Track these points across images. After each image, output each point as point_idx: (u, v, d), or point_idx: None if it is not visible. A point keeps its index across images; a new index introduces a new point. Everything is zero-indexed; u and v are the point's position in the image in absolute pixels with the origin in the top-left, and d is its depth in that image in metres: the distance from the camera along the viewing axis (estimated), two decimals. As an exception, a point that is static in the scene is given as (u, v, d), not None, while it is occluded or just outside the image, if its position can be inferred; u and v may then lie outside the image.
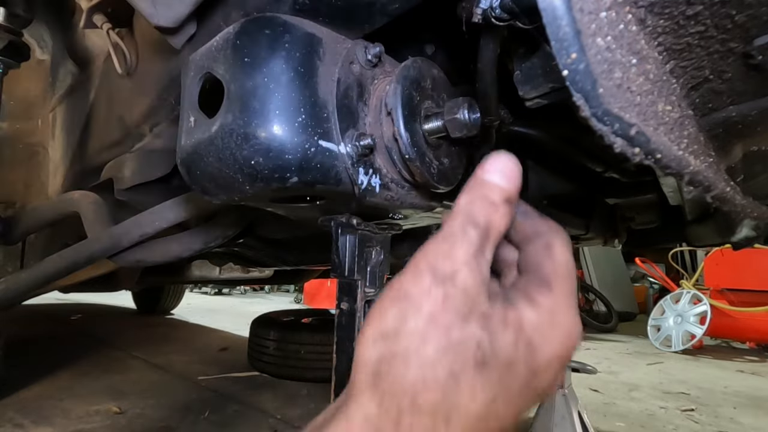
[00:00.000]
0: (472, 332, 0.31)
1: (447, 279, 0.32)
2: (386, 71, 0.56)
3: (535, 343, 0.32)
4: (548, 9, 0.26)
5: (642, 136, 0.27)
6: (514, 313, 0.32)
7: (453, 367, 0.30)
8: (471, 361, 0.30)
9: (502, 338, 0.31)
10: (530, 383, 0.32)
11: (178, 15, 0.61)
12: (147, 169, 0.95)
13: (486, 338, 0.31)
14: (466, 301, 0.31)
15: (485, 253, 0.34)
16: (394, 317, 0.32)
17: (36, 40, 1.39)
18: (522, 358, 0.31)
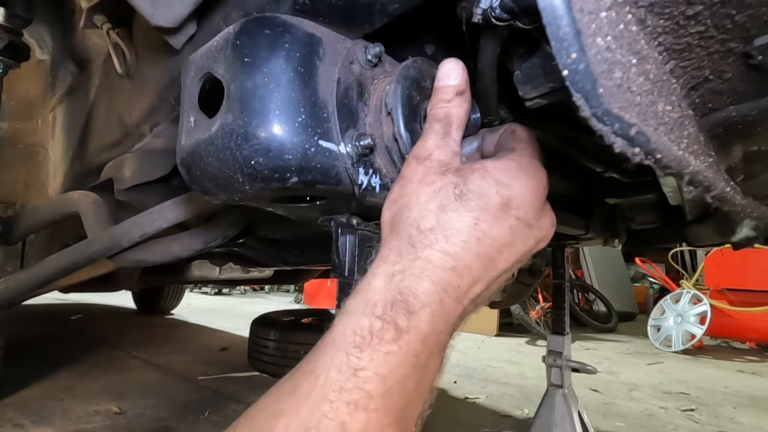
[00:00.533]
0: (449, 179, 0.43)
1: (425, 159, 0.45)
2: (386, 71, 0.56)
3: (503, 180, 0.43)
4: (548, 9, 0.26)
5: (642, 136, 0.27)
6: (480, 164, 0.44)
7: (440, 202, 0.42)
8: (452, 195, 0.42)
9: (471, 178, 0.43)
10: (506, 210, 0.42)
11: (178, 15, 0.61)
12: (147, 169, 0.95)
13: (459, 180, 0.43)
14: (441, 165, 0.44)
15: (451, 134, 0.46)
16: (397, 190, 0.45)
17: (36, 40, 1.39)
18: (492, 190, 0.42)
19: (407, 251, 0.41)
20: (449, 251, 0.40)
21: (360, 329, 0.38)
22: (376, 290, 0.39)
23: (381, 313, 0.38)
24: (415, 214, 0.42)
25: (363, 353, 0.36)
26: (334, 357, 0.37)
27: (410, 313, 0.38)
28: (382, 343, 0.37)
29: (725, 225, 0.88)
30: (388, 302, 0.38)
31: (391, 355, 0.37)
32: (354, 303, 0.40)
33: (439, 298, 0.39)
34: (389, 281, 0.39)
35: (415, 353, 0.38)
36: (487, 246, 0.41)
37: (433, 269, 0.39)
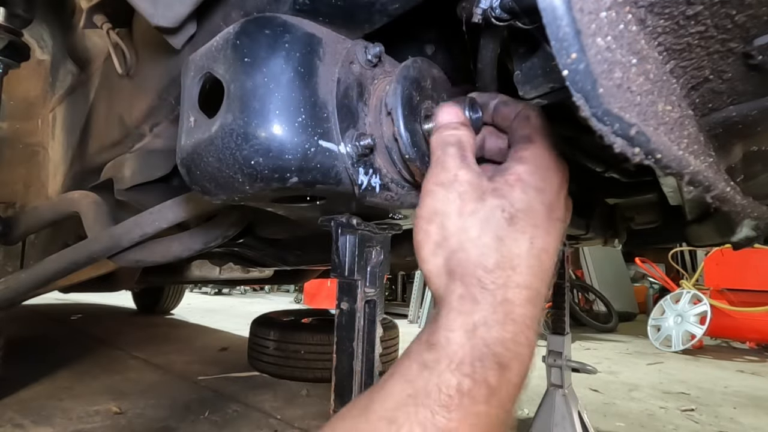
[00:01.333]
0: (492, 203, 0.40)
1: (453, 182, 0.41)
2: (386, 71, 0.56)
3: (539, 185, 0.40)
4: (548, 9, 0.26)
5: (642, 136, 0.27)
6: (512, 174, 0.41)
7: (495, 233, 0.39)
8: (502, 221, 0.39)
9: (513, 195, 0.40)
10: (550, 216, 0.40)
11: (178, 15, 0.61)
12: (147, 169, 0.95)
13: (504, 202, 0.40)
14: (473, 188, 0.41)
15: (467, 156, 0.43)
16: (436, 230, 0.41)
17: (36, 40, 1.39)
18: (536, 201, 0.40)
19: (482, 297, 0.37)
20: (522, 283, 0.38)
21: (446, 387, 0.35)
22: (458, 345, 0.36)
23: (470, 371, 0.35)
24: (473, 253, 0.39)
25: (452, 414, 0.35)
26: (418, 412, 0.35)
27: (501, 366, 0.36)
28: (474, 403, 0.35)
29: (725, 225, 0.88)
30: (476, 358, 0.36)
31: (482, 415, 0.35)
32: (433, 358, 0.37)
33: (525, 338, 0.37)
34: (472, 335, 0.37)
35: (504, 408, 0.36)
36: (545, 261, 0.40)
37: (514, 309, 0.37)
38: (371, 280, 0.55)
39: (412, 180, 0.54)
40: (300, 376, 2.39)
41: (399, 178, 0.54)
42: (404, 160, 0.51)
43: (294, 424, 1.82)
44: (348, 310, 0.53)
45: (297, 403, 2.09)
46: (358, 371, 0.52)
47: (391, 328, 2.66)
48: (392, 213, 0.59)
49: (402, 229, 0.63)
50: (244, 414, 1.89)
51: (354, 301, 0.52)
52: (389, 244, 0.59)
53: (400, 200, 0.55)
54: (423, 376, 0.37)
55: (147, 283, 3.15)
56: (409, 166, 0.51)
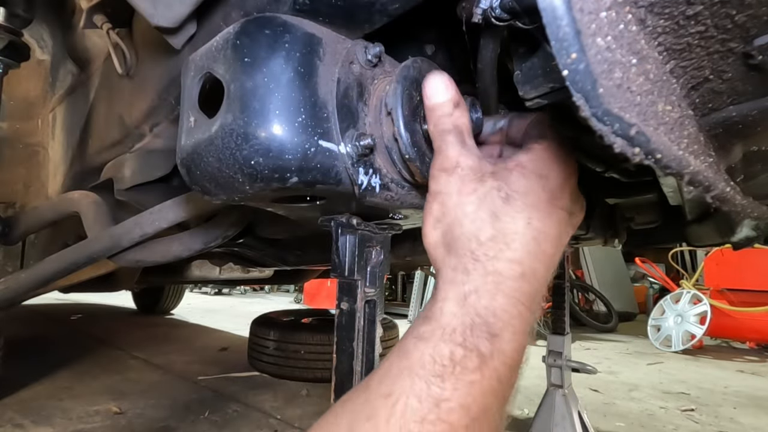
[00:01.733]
0: (490, 184, 0.41)
1: (455, 168, 0.43)
2: (386, 71, 0.56)
3: (541, 172, 0.41)
4: (548, 9, 0.26)
5: (642, 136, 0.27)
6: (514, 161, 0.42)
7: (490, 209, 0.40)
8: (498, 200, 0.40)
9: (511, 178, 0.41)
10: (553, 203, 0.41)
11: (178, 15, 0.61)
12: (147, 169, 0.95)
13: (501, 183, 0.41)
14: (474, 172, 0.42)
15: (467, 142, 0.45)
16: (437, 206, 0.43)
17: (36, 40, 1.39)
18: (536, 185, 0.41)
19: (473, 267, 0.39)
20: (515, 258, 0.39)
21: (440, 357, 0.36)
22: (451, 315, 0.38)
23: (462, 340, 0.36)
24: (468, 227, 0.40)
25: (445, 383, 0.35)
26: (413, 384, 0.35)
27: (492, 335, 0.37)
28: (466, 372, 0.35)
29: (725, 225, 0.88)
30: (467, 326, 0.37)
31: (475, 384, 0.35)
32: (427, 329, 0.38)
33: (517, 311, 0.38)
34: (463, 303, 0.38)
35: (499, 378, 0.37)
36: (543, 243, 0.40)
37: (504, 281, 0.38)
38: (371, 280, 0.55)
39: (412, 180, 0.54)
40: (300, 376, 2.39)
41: (399, 178, 0.54)
42: (404, 160, 0.51)
43: (294, 424, 1.82)
44: (348, 310, 0.53)
45: (297, 403, 2.09)
46: (358, 371, 0.52)
47: (391, 328, 2.66)
48: (392, 213, 0.59)
49: (402, 229, 0.63)
50: (244, 414, 1.89)
51: (354, 301, 0.52)
52: (389, 244, 0.59)
53: (400, 200, 0.55)
54: (418, 348, 0.37)
55: (147, 283, 3.16)
56: (409, 166, 0.51)
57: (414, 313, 5.50)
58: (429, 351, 0.37)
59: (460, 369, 0.35)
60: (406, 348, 0.38)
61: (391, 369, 0.38)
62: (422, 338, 0.38)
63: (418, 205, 0.57)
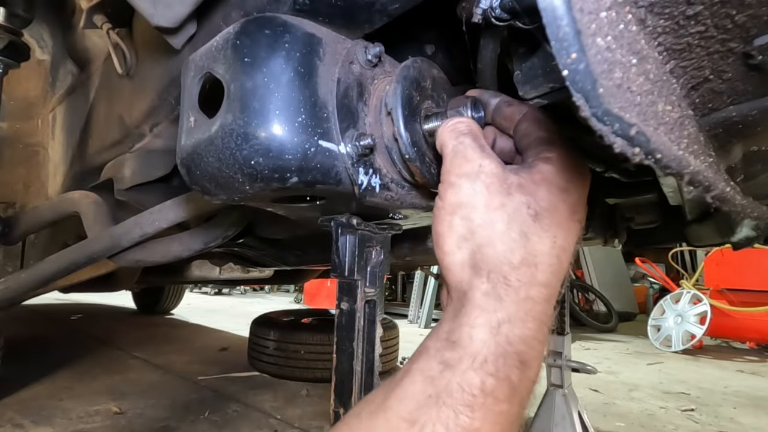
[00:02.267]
0: (518, 199, 0.39)
1: (478, 174, 0.40)
2: (386, 71, 0.56)
3: (564, 186, 0.40)
4: (548, 9, 0.26)
5: (642, 136, 0.27)
6: (538, 173, 0.40)
7: (521, 228, 0.38)
8: (528, 218, 0.39)
9: (539, 193, 0.39)
10: (572, 217, 0.40)
11: (178, 15, 0.61)
12: (147, 169, 0.95)
13: (530, 199, 0.39)
14: (500, 181, 0.40)
15: (485, 146, 0.43)
16: (461, 222, 0.40)
17: (36, 40, 1.39)
18: (560, 201, 0.40)
19: (505, 293, 0.37)
20: (543, 281, 0.38)
21: (468, 386, 0.35)
22: (481, 343, 0.36)
23: (494, 371, 0.35)
24: (500, 248, 0.38)
25: (475, 413, 0.35)
26: (440, 412, 0.35)
27: (523, 364, 0.36)
28: (497, 402, 0.35)
29: (725, 225, 0.88)
30: (499, 356, 0.36)
31: (504, 413, 0.35)
32: (454, 357, 0.37)
33: (543, 335, 0.38)
34: (496, 332, 0.36)
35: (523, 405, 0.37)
36: (564, 261, 0.40)
37: (535, 307, 0.37)
38: (371, 280, 0.55)
39: (412, 180, 0.54)
40: (300, 376, 2.39)
41: (399, 178, 0.54)
42: (404, 160, 0.51)
43: (294, 424, 1.82)
44: (348, 310, 0.53)
45: (297, 403, 2.09)
46: (358, 371, 0.52)
47: (391, 328, 2.66)
48: (392, 213, 0.59)
49: (402, 229, 0.63)
50: (244, 414, 1.89)
51: (354, 301, 0.52)
52: (389, 244, 0.59)
53: (400, 200, 0.55)
54: (445, 376, 0.36)
55: (147, 283, 3.15)
56: (409, 166, 0.51)
57: (414, 313, 5.49)
58: (457, 379, 0.36)
59: (492, 399, 0.35)
60: (431, 374, 0.37)
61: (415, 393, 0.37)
62: (449, 365, 0.37)
63: (418, 205, 0.57)
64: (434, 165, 0.53)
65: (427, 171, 0.51)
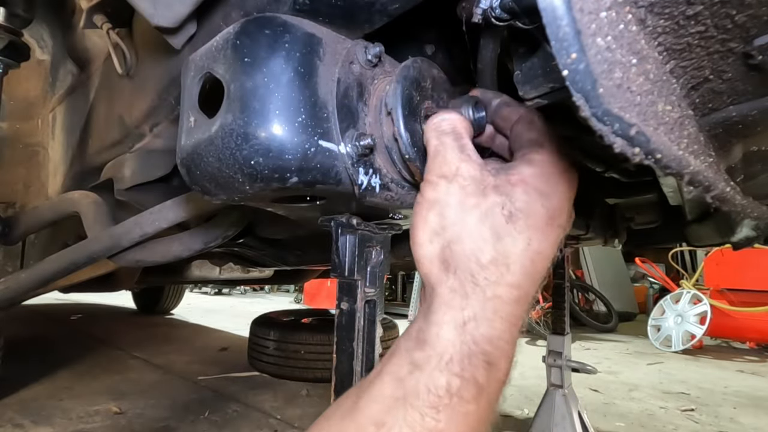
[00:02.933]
0: (493, 200, 0.39)
1: (455, 176, 0.41)
2: (386, 71, 0.56)
3: (544, 190, 0.40)
4: (548, 9, 0.26)
5: (642, 136, 0.27)
6: (516, 174, 0.40)
7: (492, 228, 0.39)
8: (501, 218, 0.39)
9: (515, 194, 0.39)
10: (551, 222, 0.40)
11: (178, 15, 0.61)
12: (147, 169, 0.95)
13: (504, 199, 0.39)
14: (476, 183, 0.40)
15: (466, 146, 0.43)
16: (435, 218, 0.41)
17: (36, 40, 1.39)
18: (538, 204, 0.39)
19: (473, 291, 0.37)
20: (513, 282, 0.38)
21: (435, 387, 0.35)
22: (447, 342, 0.36)
23: (459, 370, 0.35)
24: (469, 245, 0.39)
25: (440, 414, 0.34)
26: (407, 415, 0.35)
27: (489, 364, 0.36)
28: (462, 402, 0.35)
29: (725, 225, 0.88)
30: (464, 355, 0.36)
31: (470, 414, 0.35)
32: (423, 356, 0.37)
33: (511, 336, 0.37)
34: (461, 331, 0.36)
35: (491, 406, 0.36)
36: (538, 265, 0.39)
37: (503, 307, 0.37)
38: (371, 280, 0.55)
39: (412, 180, 0.54)
40: (300, 376, 2.39)
41: (399, 178, 0.54)
42: (404, 160, 0.51)
43: (294, 424, 1.82)
44: (348, 310, 0.53)
45: (297, 403, 2.09)
46: (358, 371, 0.52)
47: (391, 328, 2.66)
48: (392, 213, 0.59)
49: (402, 229, 0.63)
50: (244, 414, 1.89)
51: (354, 301, 0.52)
52: (389, 244, 0.59)
53: (400, 200, 0.55)
54: (413, 376, 0.36)
55: (147, 283, 3.16)
56: (409, 166, 0.51)
57: (414, 313, 5.50)
58: (424, 380, 0.36)
59: (457, 400, 0.35)
60: (400, 374, 0.37)
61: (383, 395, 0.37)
62: (417, 365, 0.37)
63: (418, 205, 0.57)
64: (434, 165, 0.53)
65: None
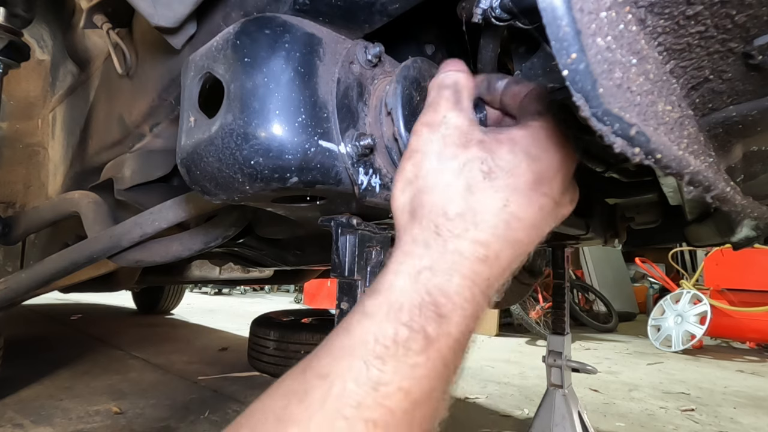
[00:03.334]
0: (474, 153, 0.38)
1: (440, 124, 0.39)
2: (386, 71, 0.56)
3: (533, 152, 0.38)
4: (548, 9, 0.26)
5: (642, 136, 0.27)
6: (507, 134, 0.39)
7: (467, 181, 0.37)
8: (479, 174, 0.37)
9: (499, 151, 0.37)
10: (537, 188, 0.37)
11: (178, 15, 0.61)
12: (147, 169, 0.95)
13: (486, 155, 0.37)
14: (460, 134, 0.39)
15: (463, 102, 0.41)
16: (411, 167, 0.40)
17: (36, 40, 1.39)
18: (524, 165, 0.37)
19: (434, 242, 0.36)
20: (480, 239, 0.36)
21: (383, 337, 0.33)
22: (400, 290, 0.35)
23: (407, 320, 0.34)
24: (438, 197, 0.37)
25: (386, 365, 0.33)
26: (352, 365, 0.33)
27: (440, 317, 0.34)
28: (409, 354, 0.33)
29: (725, 225, 0.88)
30: (415, 305, 0.34)
31: (418, 367, 0.33)
32: (374, 304, 0.35)
33: (471, 294, 0.35)
34: (415, 280, 0.35)
35: (444, 362, 0.34)
36: (515, 230, 0.37)
37: (463, 262, 0.35)
38: (371, 280, 0.55)
39: (412, 180, 0.54)
40: (300, 376, 2.39)
41: (399, 178, 0.54)
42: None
43: (294, 424, 1.81)
44: (348, 310, 0.53)
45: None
46: (358, 371, 0.52)
47: (391, 328, 2.66)
48: (392, 213, 0.59)
49: (402, 229, 0.63)
50: (244, 414, 1.88)
51: (354, 301, 0.52)
52: (389, 244, 0.59)
53: (400, 200, 0.55)
54: (362, 325, 0.35)
55: (147, 283, 3.16)
56: (409, 166, 0.51)
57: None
58: (373, 329, 0.34)
59: (404, 351, 0.33)
60: (350, 324, 0.35)
61: (333, 347, 0.35)
62: (367, 314, 0.35)
63: (418, 205, 0.57)
64: (434, 165, 0.53)
65: (427, 171, 0.51)
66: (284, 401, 0.35)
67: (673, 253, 5.32)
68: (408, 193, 0.39)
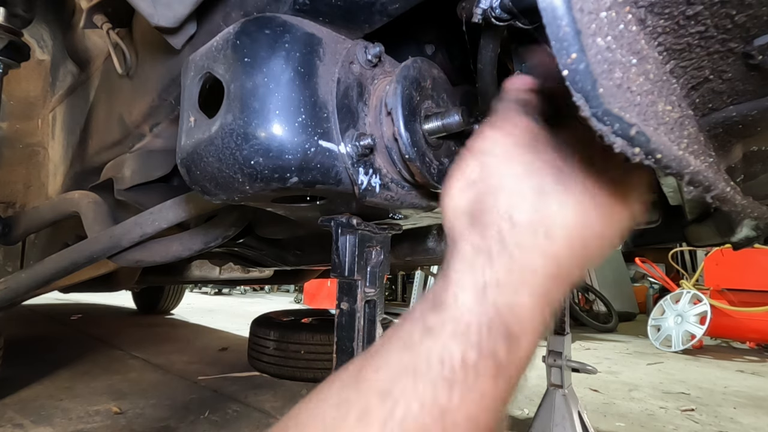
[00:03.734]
0: (546, 156, 0.34)
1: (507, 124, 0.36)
2: (386, 71, 0.56)
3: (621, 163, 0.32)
4: (548, 9, 0.26)
5: (642, 136, 0.27)
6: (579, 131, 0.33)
7: (537, 184, 0.33)
8: (550, 177, 0.33)
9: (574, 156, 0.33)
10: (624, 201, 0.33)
11: (178, 15, 0.61)
12: (147, 169, 0.95)
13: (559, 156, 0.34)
14: (530, 135, 0.35)
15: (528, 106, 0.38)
16: (475, 166, 0.36)
17: (36, 40, 1.39)
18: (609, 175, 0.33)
19: (498, 253, 0.32)
20: (551, 253, 0.32)
21: (450, 358, 0.31)
22: (465, 308, 0.31)
23: (476, 341, 0.31)
24: (504, 200, 0.33)
25: (454, 391, 0.30)
26: (416, 386, 0.30)
27: (511, 340, 0.31)
28: (479, 380, 0.30)
29: (725, 225, 0.88)
30: (483, 325, 0.31)
31: (487, 395, 0.31)
32: (437, 321, 0.32)
33: (541, 316, 0.32)
34: (482, 296, 0.31)
35: (510, 387, 0.32)
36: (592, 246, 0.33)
37: (534, 279, 0.32)
38: (371, 280, 0.55)
39: (412, 180, 0.54)
40: (300, 376, 2.39)
41: (399, 178, 0.54)
42: (404, 160, 0.51)
43: (294, 424, 1.81)
44: (348, 310, 0.53)
45: (297, 402, 2.09)
46: (358, 371, 0.52)
47: (392, 328, 2.66)
48: (392, 213, 0.59)
49: (402, 229, 0.63)
50: (244, 414, 1.89)
51: (354, 301, 0.52)
52: (389, 244, 0.59)
53: (400, 200, 0.55)
54: (425, 343, 0.32)
55: (147, 283, 3.16)
56: (409, 166, 0.51)
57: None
58: (438, 349, 0.31)
59: (473, 377, 0.30)
60: (412, 340, 0.32)
61: (391, 361, 0.32)
62: (431, 331, 0.32)
63: (418, 205, 0.58)
64: (434, 165, 0.53)
65: (427, 171, 0.51)
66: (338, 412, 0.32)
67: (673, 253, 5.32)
68: (468, 194, 0.35)
